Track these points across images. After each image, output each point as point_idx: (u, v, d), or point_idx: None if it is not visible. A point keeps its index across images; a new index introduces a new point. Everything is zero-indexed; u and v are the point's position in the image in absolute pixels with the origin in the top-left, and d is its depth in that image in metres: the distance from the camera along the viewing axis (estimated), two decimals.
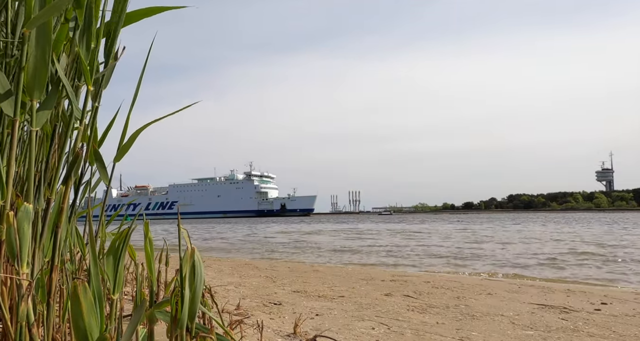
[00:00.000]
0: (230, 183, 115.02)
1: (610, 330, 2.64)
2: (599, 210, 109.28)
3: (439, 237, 15.15)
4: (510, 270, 6.72)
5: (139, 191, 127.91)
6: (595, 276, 6.10)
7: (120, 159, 1.22)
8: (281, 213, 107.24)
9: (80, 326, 0.88)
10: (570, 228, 20.07)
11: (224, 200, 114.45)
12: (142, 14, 1.18)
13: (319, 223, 37.55)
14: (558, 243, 11.46)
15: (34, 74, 0.96)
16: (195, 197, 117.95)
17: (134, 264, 1.69)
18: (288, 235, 17.62)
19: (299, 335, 2.27)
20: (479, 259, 8.16)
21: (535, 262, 7.56)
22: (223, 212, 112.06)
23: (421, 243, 12.17)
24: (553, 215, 66.59)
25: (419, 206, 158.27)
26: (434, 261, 8.04)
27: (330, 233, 18.72)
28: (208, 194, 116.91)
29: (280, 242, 13.47)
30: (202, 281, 0.93)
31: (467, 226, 24.79)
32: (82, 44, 1.07)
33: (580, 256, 8.46)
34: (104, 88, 1.16)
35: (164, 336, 1.78)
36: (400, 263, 7.78)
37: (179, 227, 0.95)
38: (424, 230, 20.72)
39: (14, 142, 0.97)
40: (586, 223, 27.63)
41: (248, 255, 9.76)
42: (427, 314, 3.01)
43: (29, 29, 0.94)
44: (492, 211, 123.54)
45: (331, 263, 7.73)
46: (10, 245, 0.93)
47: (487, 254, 9.04)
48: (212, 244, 13.39)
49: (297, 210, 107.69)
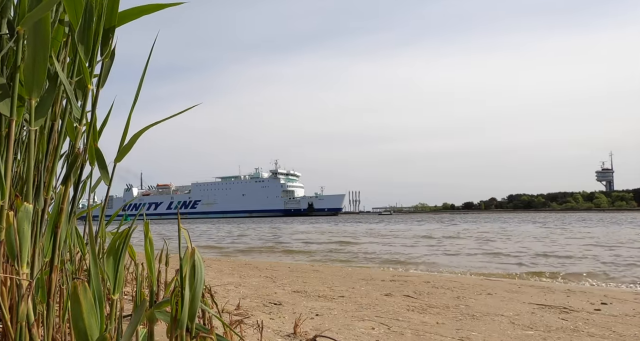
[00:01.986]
0: (256, 182, 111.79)
1: (610, 330, 2.64)
2: (599, 210, 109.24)
3: (535, 239, 13.16)
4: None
5: (160, 190, 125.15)
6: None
7: (121, 160, 1.22)
8: (308, 213, 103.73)
9: (80, 326, 0.88)
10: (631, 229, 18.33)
11: (249, 199, 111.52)
12: (139, 11, 1.17)
13: (352, 223, 35.38)
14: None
15: (32, 72, 0.96)
16: (219, 195, 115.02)
17: (134, 264, 1.69)
18: (330, 236, 16.46)
19: (299, 335, 2.27)
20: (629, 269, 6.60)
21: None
22: (248, 211, 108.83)
23: (525, 247, 10.36)
24: (568, 214, 66.15)
25: (419, 206, 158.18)
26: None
27: (370, 235, 16.58)
28: (232, 193, 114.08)
29: (331, 249, 10.95)
30: (202, 281, 0.93)
31: (542, 227, 21.80)
32: (80, 42, 1.06)
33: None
34: (102, 87, 1.16)
35: (164, 336, 1.78)
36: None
37: (179, 227, 0.95)
38: (490, 230, 18.21)
39: (12, 142, 0.97)
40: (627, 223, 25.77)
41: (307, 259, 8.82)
42: (427, 314, 3.01)
43: (24, 27, 0.94)
44: (492, 211, 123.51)
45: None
46: (10, 245, 0.93)
47: (622, 262, 7.39)
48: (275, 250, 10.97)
49: (325, 210, 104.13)
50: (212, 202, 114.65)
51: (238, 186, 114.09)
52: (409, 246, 11.46)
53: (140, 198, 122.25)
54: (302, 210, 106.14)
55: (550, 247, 10.52)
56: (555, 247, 10.51)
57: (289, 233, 19.21)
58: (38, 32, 0.94)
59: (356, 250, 10.52)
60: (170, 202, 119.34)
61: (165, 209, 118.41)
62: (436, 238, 14.21)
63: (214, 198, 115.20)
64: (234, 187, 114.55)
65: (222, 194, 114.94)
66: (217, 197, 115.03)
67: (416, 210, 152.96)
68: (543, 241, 12.43)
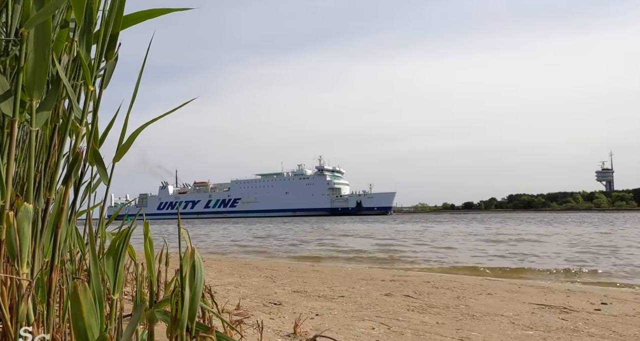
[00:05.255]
0: (300, 179, 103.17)
1: (610, 330, 2.64)
2: (599, 210, 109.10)
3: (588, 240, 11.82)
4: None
5: (197, 187, 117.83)
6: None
7: (120, 159, 1.22)
8: (357, 212, 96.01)
9: (80, 326, 0.88)
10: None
11: (292, 197, 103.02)
12: (145, 15, 1.18)
13: (397, 223, 31.24)
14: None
15: (34, 73, 0.96)
16: (261, 193, 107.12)
17: (134, 264, 1.69)
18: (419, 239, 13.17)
19: (299, 335, 2.27)
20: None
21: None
22: (292, 210, 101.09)
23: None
24: (566, 214, 65.01)
25: (419, 206, 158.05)
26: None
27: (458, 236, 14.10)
28: (274, 190, 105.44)
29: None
30: (202, 281, 0.93)
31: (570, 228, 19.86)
32: (82, 44, 1.07)
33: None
34: (104, 88, 1.16)
35: (164, 336, 1.79)
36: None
37: (179, 227, 0.95)
38: (524, 232, 16.47)
39: (14, 142, 0.97)
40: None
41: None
42: (427, 314, 3.01)
43: (28, 29, 0.94)
44: (492, 211, 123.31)
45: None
46: (10, 245, 0.93)
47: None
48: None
49: (375, 208, 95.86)
50: (252, 200, 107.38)
51: (280, 183, 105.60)
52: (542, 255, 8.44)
53: (177, 197, 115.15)
54: (350, 209, 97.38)
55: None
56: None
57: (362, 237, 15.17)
58: (39, 33, 0.95)
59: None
60: (208, 200, 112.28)
61: (202, 208, 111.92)
62: (526, 241, 11.73)
63: (254, 196, 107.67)
64: (276, 185, 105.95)
65: (263, 192, 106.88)
66: (258, 195, 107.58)
67: (416, 210, 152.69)
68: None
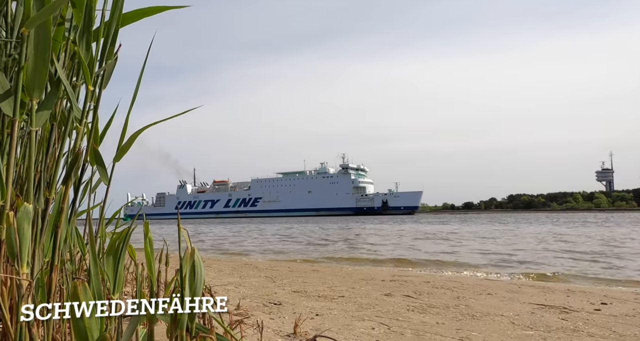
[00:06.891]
0: (323, 177, 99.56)
1: (610, 330, 2.64)
2: (599, 210, 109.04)
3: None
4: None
5: (217, 186, 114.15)
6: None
7: (120, 159, 1.22)
8: (382, 211, 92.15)
9: (80, 326, 0.88)
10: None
11: (315, 196, 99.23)
12: (141, 13, 1.18)
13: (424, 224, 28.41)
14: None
15: (34, 73, 0.96)
16: (282, 192, 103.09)
17: (134, 264, 1.69)
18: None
19: (299, 335, 2.27)
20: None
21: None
22: (315, 209, 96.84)
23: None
24: (574, 214, 64.21)
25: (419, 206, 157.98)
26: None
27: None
28: (297, 189, 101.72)
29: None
30: (202, 281, 0.93)
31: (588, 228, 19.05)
32: (81, 43, 1.07)
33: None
34: (104, 88, 1.16)
35: (164, 336, 1.79)
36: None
37: (179, 227, 0.95)
38: (566, 233, 15.53)
39: (14, 142, 0.97)
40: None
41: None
42: (427, 314, 3.01)
43: (28, 29, 0.94)
44: (492, 211, 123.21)
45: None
46: (10, 245, 0.93)
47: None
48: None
49: (401, 208, 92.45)
50: (274, 200, 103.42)
51: (303, 182, 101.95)
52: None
53: (195, 196, 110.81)
54: (376, 208, 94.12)
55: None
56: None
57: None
58: (39, 33, 0.95)
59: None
60: (228, 200, 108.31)
61: (222, 207, 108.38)
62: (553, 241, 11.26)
63: (276, 195, 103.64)
64: (298, 183, 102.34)
65: (285, 191, 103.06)
66: (280, 194, 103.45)
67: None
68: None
